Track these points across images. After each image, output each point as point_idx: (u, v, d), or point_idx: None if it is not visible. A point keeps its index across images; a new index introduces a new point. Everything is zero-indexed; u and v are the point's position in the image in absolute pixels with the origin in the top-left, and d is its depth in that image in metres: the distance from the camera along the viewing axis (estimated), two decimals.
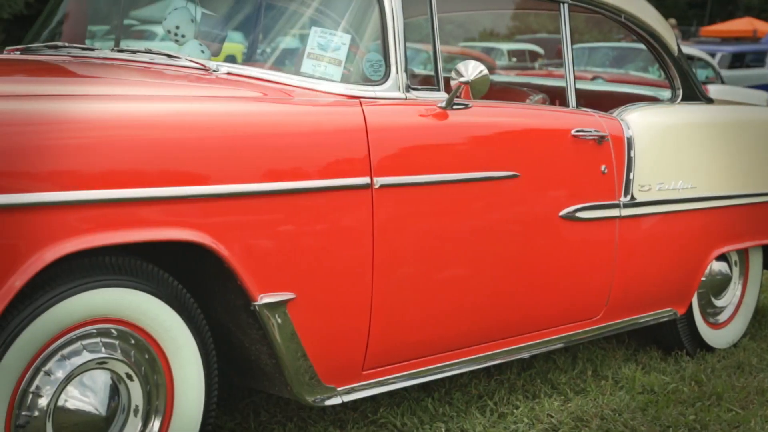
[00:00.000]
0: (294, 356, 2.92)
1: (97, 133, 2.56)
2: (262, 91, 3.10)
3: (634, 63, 12.50)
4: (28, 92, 2.78)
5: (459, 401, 3.73)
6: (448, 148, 3.32)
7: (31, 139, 2.43)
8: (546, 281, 3.70)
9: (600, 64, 12.75)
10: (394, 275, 3.16)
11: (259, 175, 2.81)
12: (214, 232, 2.72)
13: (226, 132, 2.81)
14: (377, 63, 3.22)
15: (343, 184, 2.99)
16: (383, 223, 3.09)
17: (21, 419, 2.50)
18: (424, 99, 3.29)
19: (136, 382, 2.71)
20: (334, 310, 3.04)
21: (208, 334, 2.83)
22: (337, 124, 3.05)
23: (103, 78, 3.21)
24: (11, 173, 2.37)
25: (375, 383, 3.21)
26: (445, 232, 3.30)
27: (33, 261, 2.40)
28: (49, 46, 3.59)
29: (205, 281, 2.88)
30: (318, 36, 3.19)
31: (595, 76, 10.96)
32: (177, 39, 3.61)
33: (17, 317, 2.44)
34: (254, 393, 3.65)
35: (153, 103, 2.80)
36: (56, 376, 2.54)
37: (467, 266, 3.41)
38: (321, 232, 2.97)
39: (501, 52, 16.42)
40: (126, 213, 2.56)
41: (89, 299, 2.57)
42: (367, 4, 3.22)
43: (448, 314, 3.39)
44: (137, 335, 2.70)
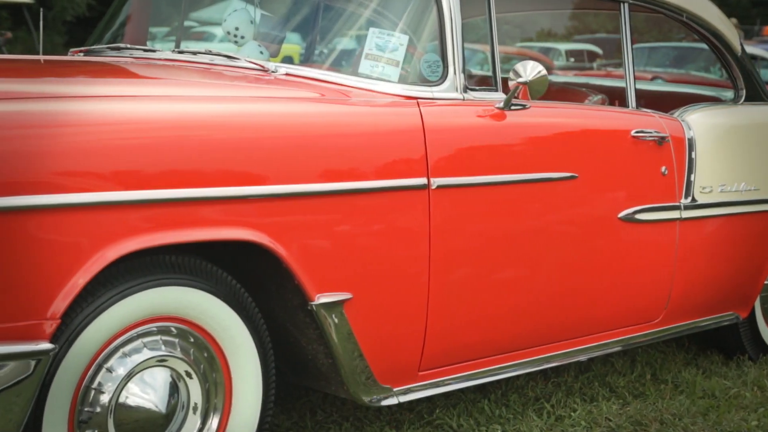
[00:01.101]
0: (350, 356, 2.93)
1: (159, 134, 2.59)
2: (319, 91, 3.12)
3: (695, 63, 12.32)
4: (91, 93, 2.83)
5: (516, 403, 3.71)
6: (505, 148, 3.31)
7: (93, 139, 2.48)
8: (604, 283, 3.66)
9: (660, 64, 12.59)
10: (450, 276, 3.15)
11: (316, 175, 2.83)
12: (273, 231, 2.74)
13: (285, 132, 2.83)
14: (435, 63, 3.22)
15: (400, 184, 3.00)
16: (440, 224, 3.09)
17: (83, 415, 2.54)
18: (481, 99, 3.28)
19: (195, 380, 2.74)
20: (391, 311, 3.04)
21: (266, 333, 2.85)
22: (394, 124, 3.06)
23: (164, 79, 3.25)
24: (75, 173, 2.41)
25: (431, 384, 3.21)
26: (502, 233, 3.29)
27: (96, 259, 2.44)
28: (112, 48, 3.64)
29: (263, 281, 2.90)
30: (376, 37, 3.20)
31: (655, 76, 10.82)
32: (236, 40, 3.65)
33: (80, 314, 2.49)
34: (311, 392, 3.67)
35: (213, 103, 2.83)
36: (118, 373, 2.58)
37: (524, 268, 3.39)
38: (378, 233, 2.97)
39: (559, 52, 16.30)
40: (186, 212, 2.59)
41: (150, 297, 2.61)
42: (425, 5, 3.22)
43: (504, 316, 3.37)
44: (196, 333, 2.73)
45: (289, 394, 3.62)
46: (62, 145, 2.42)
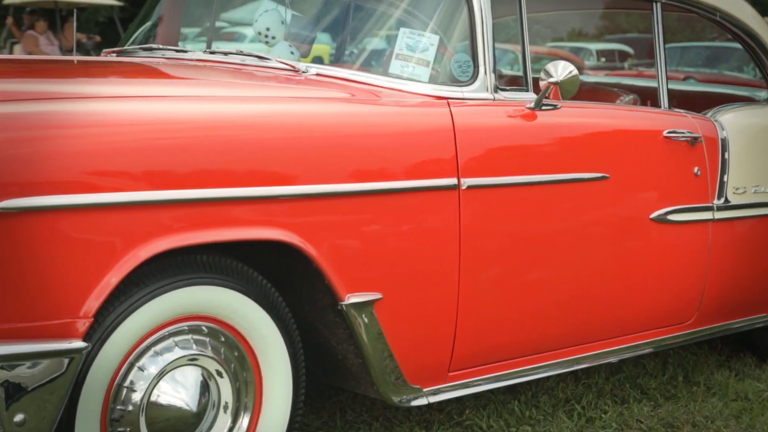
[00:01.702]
0: (380, 356, 2.93)
1: (191, 134, 2.60)
2: (350, 92, 3.12)
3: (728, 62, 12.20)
4: (123, 94, 2.86)
5: (546, 404, 3.70)
6: (536, 149, 3.30)
7: (126, 139, 2.49)
8: (635, 284, 3.63)
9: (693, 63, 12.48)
10: (480, 276, 3.15)
11: (347, 175, 2.83)
12: (303, 231, 2.74)
13: (315, 132, 2.84)
14: (465, 64, 3.21)
15: (431, 184, 2.99)
16: (470, 224, 3.08)
17: (116, 413, 2.56)
18: (512, 100, 3.27)
19: (226, 379, 2.75)
20: (421, 311, 3.04)
21: (296, 333, 2.86)
22: (424, 124, 3.05)
23: (195, 79, 3.27)
24: (108, 173, 2.43)
25: (461, 385, 3.20)
26: (532, 234, 3.28)
27: (128, 258, 2.46)
28: (144, 49, 3.67)
29: (293, 280, 2.91)
30: (406, 37, 3.20)
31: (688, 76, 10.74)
32: (267, 41, 3.66)
33: (113, 313, 2.51)
34: (341, 392, 3.68)
35: (244, 104, 2.85)
36: (149, 371, 2.60)
37: (555, 268, 3.37)
38: (408, 233, 2.97)
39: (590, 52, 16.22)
40: (217, 212, 2.60)
41: (181, 297, 2.62)
42: (455, 5, 3.22)
43: (535, 317, 3.36)
44: (227, 333, 2.74)
45: (319, 394, 3.63)
46: (95, 145, 2.44)
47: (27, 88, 2.76)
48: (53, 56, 3.77)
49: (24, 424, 2.35)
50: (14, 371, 2.33)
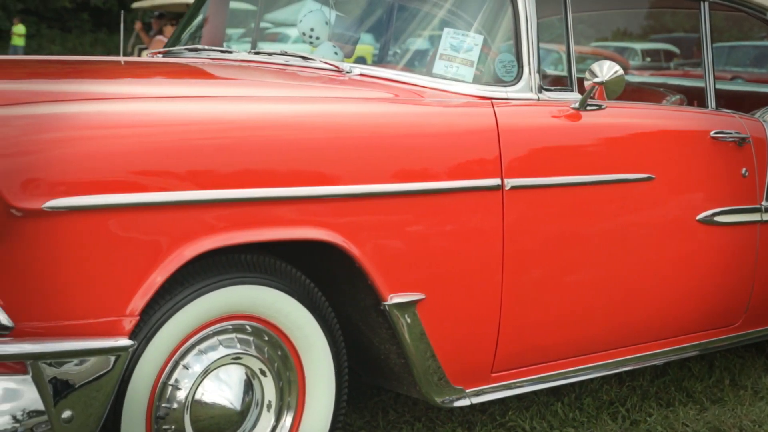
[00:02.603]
0: (423, 356, 2.93)
1: (235, 134, 2.62)
2: (394, 92, 3.12)
3: None
4: (169, 94, 2.88)
5: (590, 407, 3.67)
6: (581, 149, 3.27)
7: (172, 139, 2.52)
8: (681, 286, 3.60)
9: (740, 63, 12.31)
10: (524, 277, 3.13)
11: (390, 175, 2.83)
12: (346, 231, 2.75)
13: (359, 133, 2.84)
14: (509, 64, 3.20)
15: (474, 185, 2.98)
16: (513, 225, 3.07)
17: (161, 411, 2.59)
18: (556, 100, 3.25)
19: (269, 377, 2.76)
20: (464, 312, 3.03)
21: (339, 333, 2.87)
22: (468, 125, 3.05)
23: (240, 80, 3.29)
24: (153, 172, 2.45)
25: (504, 386, 3.19)
26: (576, 235, 3.26)
27: (173, 257, 2.48)
28: (189, 49, 3.70)
29: (336, 280, 2.91)
30: (450, 37, 3.19)
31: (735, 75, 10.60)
32: (311, 41, 3.68)
33: (158, 312, 2.53)
34: (383, 392, 3.68)
35: (288, 104, 2.86)
36: (194, 369, 2.62)
37: (599, 269, 3.35)
38: (451, 233, 2.97)
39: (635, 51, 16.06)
40: (261, 212, 2.62)
41: (225, 296, 2.64)
42: (500, 5, 3.20)
43: (578, 318, 3.34)
44: (270, 332, 2.76)
45: (362, 394, 3.64)
46: (141, 145, 2.46)
47: (75, 89, 2.79)
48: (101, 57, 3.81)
49: (71, 420, 2.38)
50: (62, 368, 2.36)
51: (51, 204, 2.30)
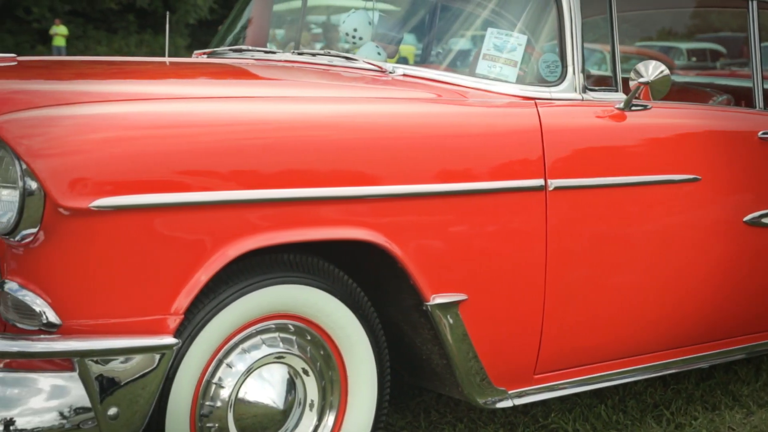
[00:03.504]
0: (465, 357, 2.92)
1: (278, 134, 2.63)
2: (437, 92, 3.12)
3: None
4: (213, 94, 2.90)
5: (633, 409, 3.64)
6: (625, 150, 3.25)
7: (216, 139, 2.53)
8: (728, 289, 3.55)
9: None
10: (567, 278, 3.11)
11: (433, 175, 2.83)
12: (389, 231, 2.75)
13: (402, 133, 2.84)
14: (553, 64, 3.18)
15: (517, 185, 2.97)
16: (557, 226, 3.05)
17: (204, 409, 2.61)
18: (600, 100, 3.23)
19: (312, 377, 2.77)
20: (506, 313, 3.02)
21: (381, 333, 2.87)
22: (511, 125, 3.04)
23: (283, 80, 3.31)
24: (198, 172, 2.47)
25: (546, 388, 3.17)
26: (620, 236, 3.23)
27: (217, 257, 2.50)
28: (234, 50, 3.73)
29: (378, 280, 2.92)
30: (494, 37, 3.18)
31: None
32: (355, 41, 3.68)
33: (202, 310, 2.55)
34: (425, 392, 3.68)
35: (331, 104, 2.87)
36: (237, 368, 2.63)
37: (643, 272, 3.31)
38: (494, 234, 2.96)
39: (680, 51, 15.89)
40: (304, 212, 2.63)
41: (269, 295, 2.65)
42: (544, 4, 3.19)
43: (622, 320, 3.31)
44: (313, 331, 2.77)
45: (403, 394, 3.64)
46: (186, 145, 2.49)
47: (121, 89, 2.83)
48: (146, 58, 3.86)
49: (117, 417, 2.41)
50: (108, 366, 2.39)
51: (98, 203, 2.33)
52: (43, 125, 2.38)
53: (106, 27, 27.60)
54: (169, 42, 4.06)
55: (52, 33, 24.57)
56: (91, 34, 26.89)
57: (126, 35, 27.61)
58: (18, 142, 2.31)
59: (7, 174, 2.36)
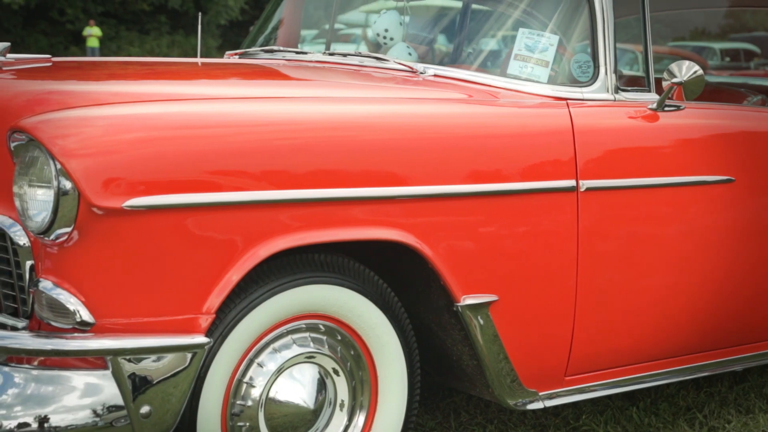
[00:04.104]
0: (496, 358, 2.91)
1: (309, 134, 2.64)
2: (467, 92, 3.12)
3: None
4: (245, 95, 2.92)
5: (666, 412, 3.61)
6: (658, 150, 3.22)
7: (247, 139, 2.55)
8: (761, 291, 3.52)
9: None
10: (598, 280, 3.10)
11: (464, 176, 2.83)
12: (419, 232, 2.75)
13: (433, 133, 2.84)
14: (585, 64, 3.17)
15: (548, 186, 2.96)
16: (588, 227, 3.03)
17: (236, 408, 2.62)
18: (633, 100, 3.21)
19: (342, 377, 2.78)
20: (537, 314, 3.01)
21: (411, 333, 2.87)
22: (542, 126, 3.02)
23: (314, 81, 3.32)
24: (229, 172, 2.49)
25: (577, 390, 3.16)
26: (653, 238, 3.21)
27: (249, 256, 2.51)
28: (265, 51, 3.75)
29: (408, 281, 2.91)
30: (525, 37, 3.17)
31: None
32: (386, 42, 3.69)
33: (233, 310, 2.56)
34: (455, 393, 3.67)
35: (362, 105, 2.87)
36: (268, 368, 2.64)
37: (676, 273, 3.29)
38: (524, 235, 2.95)
39: (713, 51, 15.75)
40: (335, 212, 2.63)
41: (299, 295, 2.66)
42: (576, 5, 3.17)
43: (654, 322, 3.29)
44: (343, 331, 2.77)
45: (433, 394, 3.63)
46: (217, 145, 2.50)
47: (153, 90, 2.85)
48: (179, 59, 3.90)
49: (149, 416, 2.43)
50: (140, 364, 2.40)
51: (131, 203, 2.35)
52: (77, 125, 2.40)
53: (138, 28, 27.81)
54: (201, 43, 4.08)
55: (85, 34, 24.80)
56: (123, 35, 27.11)
57: (158, 36, 27.80)
58: (53, 143, 2.34)
59: (42, 174, 2.38)
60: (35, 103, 2.54)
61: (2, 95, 2.67)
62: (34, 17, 25.95)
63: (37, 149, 2.38)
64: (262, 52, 3.75)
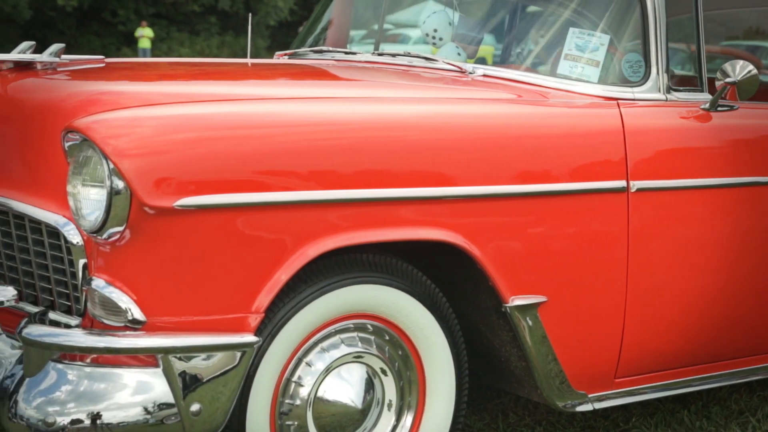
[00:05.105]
0: (544, 360, 2.90)
1: (358, 134, 2.65)
2: (517, 92, 3.10)
3: None
4: (294, 95, 2.93)
5: (717, 416, 3.56)
6: (711, 151, 3.18)
7: (296, 139, 2.56)
8: None
9: None
10: (649, 281, 3.06)
11: (513, 176, 2.81)
12: (467, 232, 2.74)
13: (482, 134, 2.83)
14: (637, 64, 3.14)
15: (598, 187, 2.94)
16: (639, 228, 3.01)
17: (284, 407, 2.64)
18: (685, 100, 3.18)
19: (390, 377, 2.78)
20: (587, 315, 2.98)
21: (459, 334, 2.86)
22: (593, 126, 3.00)
23: (363, 81, 3.33)
24: (279, 172, 2.50)
25: (627, 392, 3.13)
26: (705, 239, 3.17)
27: (298, 256, 2.52)
28: (315, 51, 3.76)
29: (456, 281, 2.91)
30: (576, 37, 3.15)
31: None
32: (435, 42, 3.68)
33: (282, 309, 2.58)
34: (503, 394, 3.66)
35: (410, 105, 2.87)
36: (316, 367, 2.66)
37: (729, 275, 3.24)
38: (574, 235, 2.93)
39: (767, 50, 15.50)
40: (384, 212, 2.64)
41: (347, 295, 2.67)
42: (628, 4, 3.14)
43: (706, 324, 3.24)
44: (391, 331, 2.77)
45: (481, 395, 3.62)
46: (267, 145, 2.52)
47: (203, 91, 2.88)
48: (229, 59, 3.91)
49: (199, 414, 2.45)
50: (190, 362, 2.43)
51: (181, 202, 2.38)
52: (129, 126, 2.44)
53: (188, 29, 28.09)
54: (250, 43, 4.11)
55: (137, 35, 25.10)
56: (174, 36, 27.41)
57: (208, 37, 28.06)
58: (106, 142, 2.37)
59: (95, 173, 2.41)
60: (89, 104, 2.57)
61: (57, 96, 2.71)
62: (87, 19, 26.35)
63: (91, 149, 2.41)
64: (311, 53, 3.77)
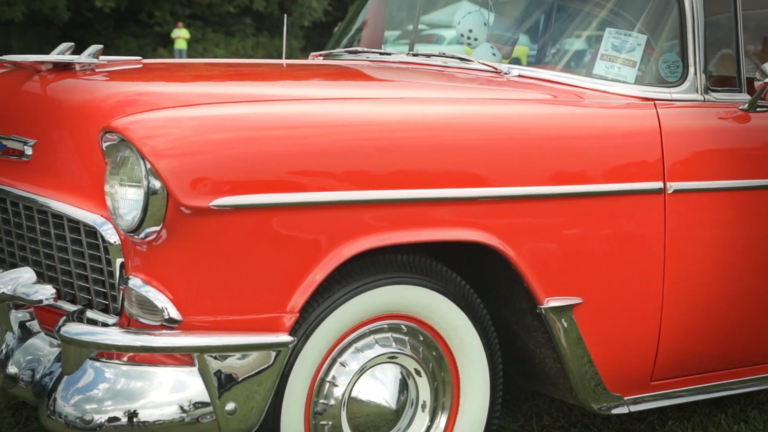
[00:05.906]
0: (580, 362, 2.88)
1: (393, 135, 2.65)
2: (552, 93, 3.09)
3: None
4: (329, 96, 2.94)
5: (756, 420, 3.53)
6: (749, 152, 3.15)
7: (331, 140, 2.57)
8: None
9: None
10: (686, 283, 3.04)
11: (548, 177, 2.80)
12: (502, 233, 2.74)
13: (517, 134, 2.83)
14: (674, 64, 3.11)
15: (634, 188, 2.92)
16: (676, 229, 2.98)
17: (318, 407, 2.64)
18: (723, 101, 3.15)
19: (424, 378, 2.78)
20: (623, 317, 2.96)
21: (494, 335, 2.85)
22: (629, 126, 2.98)
23: (398, 81, 3.33)
24: (314, 172, 2.51)
25: (663, 395, 3.11)
26: (743, 241, 3.13)
27: (333, 256, 2.53)
28: (349, 52, 3.77)
29: (491, 283, 2.90)
30: (612, 37, 3.13)
31: None
32: (470, 42, 3.68)
33: (317, 309, 2.58)
34: (537, 396, 3.64)
35: (445, 105, 2.87)
36: (351, 367, 2.66)
37: (764, 278, 3.21)
38: (610, 237, 2.91)
39: None
40: (418, 213, 2.63)
41: (382, 295, 2.67)
42: (665, 3, 3.12)
43: (744, 327, 3.21)
44: (425, 332, 2.77)
45: (515, 397, 3.61)
46: (302, 145, 2.53)
47: (239, 91, 2.89)
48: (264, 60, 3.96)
49: (234, 413, 2.46)
50: (226, 362, 2.44)
51: (217, 202, 2.39)
52: (166, 126, 2.45)
53: (224, 30, 28.27)
54: (285, 44, 4.13)
55: (174, 36, 25.30)
56: (209, 36, 27.59)
57: (243, 38, 28.22)
58: (143, 143, 2.39)
59: (133, 173, 2.43)
60: (126, 104, 2.59)
61: (95, 96, 2.74)
62: (124, 20, 26.59)
63: (128, 149, 2.43)
64: (345, 53, 3.77)
